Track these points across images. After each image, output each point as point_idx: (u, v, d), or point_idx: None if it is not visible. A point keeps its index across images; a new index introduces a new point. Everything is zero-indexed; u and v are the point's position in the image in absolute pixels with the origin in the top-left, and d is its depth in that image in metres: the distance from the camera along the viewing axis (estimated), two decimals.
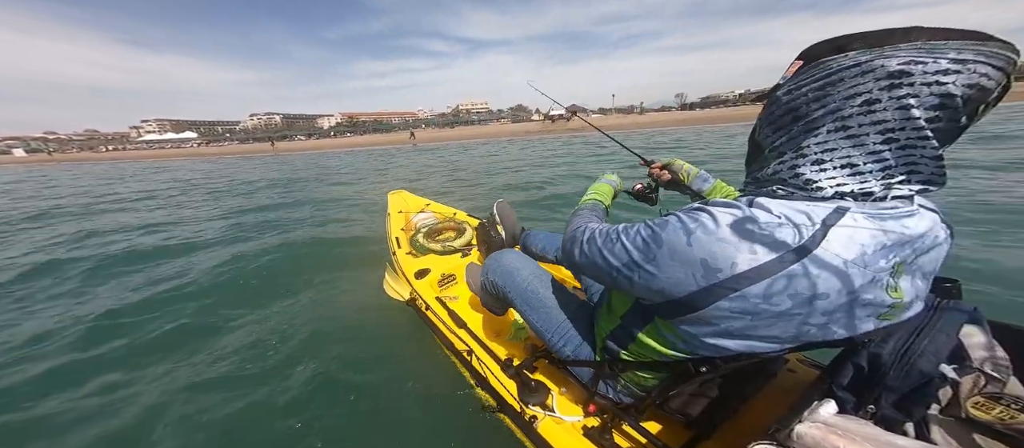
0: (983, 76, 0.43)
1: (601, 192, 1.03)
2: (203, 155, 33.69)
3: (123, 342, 2.37)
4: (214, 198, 7.79)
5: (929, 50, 0.44)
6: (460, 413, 1.52)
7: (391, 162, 14.01)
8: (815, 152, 0.53)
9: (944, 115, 0.45)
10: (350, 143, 36.71)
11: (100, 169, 22.50)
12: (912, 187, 0.51)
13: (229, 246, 4.17)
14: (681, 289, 0.57)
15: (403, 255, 2.15)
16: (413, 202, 2.97)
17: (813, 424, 0.56)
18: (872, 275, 0.51)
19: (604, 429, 0.96)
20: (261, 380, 1.90)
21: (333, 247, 3.85)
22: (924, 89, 0.44)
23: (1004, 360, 0.57)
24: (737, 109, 44.83)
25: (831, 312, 0.53)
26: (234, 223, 5.26)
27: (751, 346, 0.60)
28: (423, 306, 1.70)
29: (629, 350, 0.81)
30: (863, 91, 0.47)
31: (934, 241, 0.55)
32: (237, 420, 1.66)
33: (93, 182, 13.18)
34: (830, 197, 0.53)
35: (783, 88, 0.56)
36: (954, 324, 0.64)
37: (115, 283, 3.37)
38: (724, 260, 0.52)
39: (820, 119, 0.52)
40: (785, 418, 0.62)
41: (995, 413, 0.50)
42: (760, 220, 0.52)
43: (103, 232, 5.07)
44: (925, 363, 0.59)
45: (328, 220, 5.05)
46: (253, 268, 3.43)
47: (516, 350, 1.35)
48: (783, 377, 1.06)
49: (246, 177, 11.81)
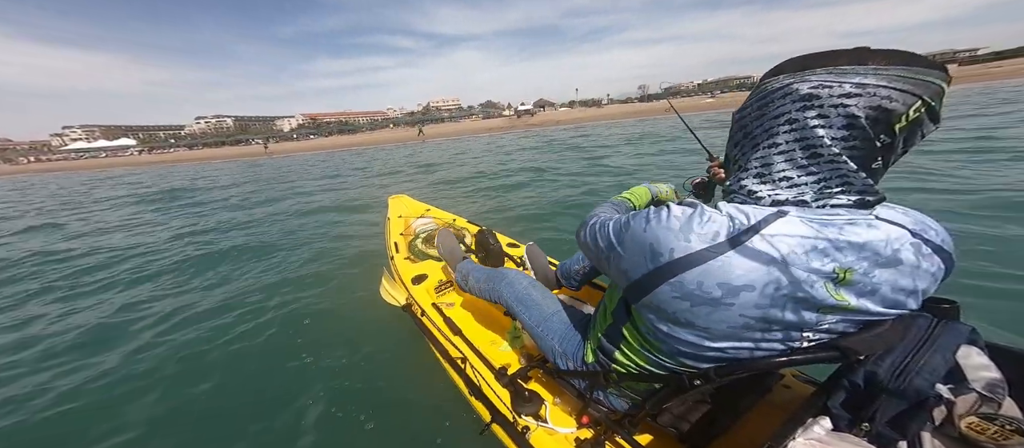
0: (885, 98, 0.46)
1: (635, 194, 1.07)
2: (188, 160, 30.68)
3: (121, 346, 2.35)
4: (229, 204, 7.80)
5: (838, 74, 0.49)
6: (452, 422, 1.50)
7: (414, 157, 14.34)
8: (756, 166, 0.59)
9: (855, 134, 0.49)
10: (358, 141, 36.20)
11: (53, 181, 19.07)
12: (851, 197, 0.54)
13: (227, 245, 4.17)
14: (637, 271, 0.63)
15: (401, 260, 2.15)
16: (413, 207, 2.97)
17: (808, 441, 0.55)
18: (805, 274, 0.53)
19: (596, 442, 0.95)
20: (251, 383, 1.89)
21: (332, 247, 3.85)
22: (832, 111, 0.49)
23: (1000, 381, 0.57)
24: (694, 99, 46.32)
25: (764, 305, 0.55)
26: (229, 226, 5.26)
27: (701, 339, 0.62)
28: (419, 312, 1.69)
29: (620, 350, 0.83)
30: (784, 111, 0.54)
31: (894, 255, 0.55)
32: (224, 425, 1.65)
33: (78, 191, 12.43)
34: (769, 205, 0.57)
35: (739, 108, 0.64)
36: (951, 344, 0.64)
37: (104, 293, 3.36)
38: (665, 245, 0.58)
39: (759, 137, 0.59)
40: (780, 434, 0.61)
41: (989, 433, 0.49)
42: (705, 216, 0.57)
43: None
44: (921, 382, 0.59)
45: (336, 224, 5.05)
46: (253, 267, 3.42)
47: (511, 359, 1.34)
48: (778, 392, 1.05)
49: (251, 181, 11.82)
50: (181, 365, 2.06)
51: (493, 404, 1.15)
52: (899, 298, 0.58)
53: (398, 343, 2.03)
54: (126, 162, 37.72)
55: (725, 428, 0.92)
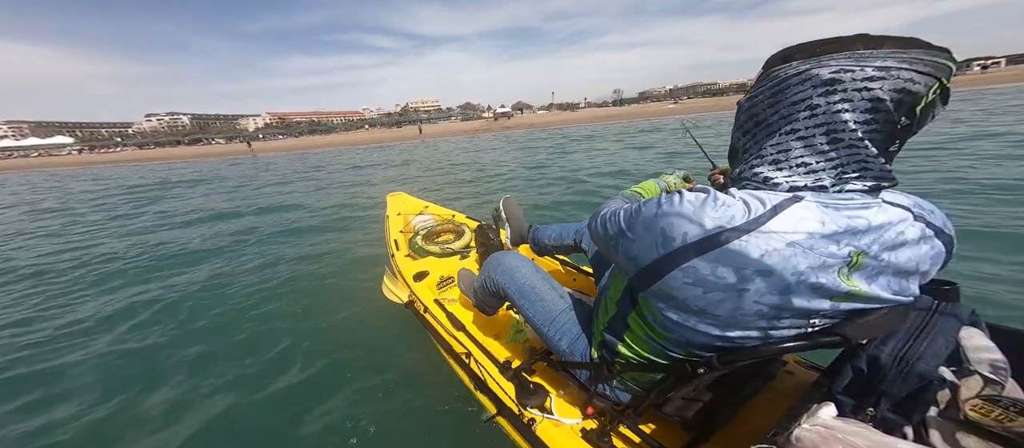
0: (908, 81, 0.47)
1: (644, 187, 1.10)
2: (172, 158, 29.32)
3: (121, 345, 2.35)
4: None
5: (857, 59, 0.49)
6: (458, 416, 1.51)
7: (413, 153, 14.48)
8: (771, 153, 0.59)
9: (878, 117, 0.50)
10: (362, 139, 35.82)
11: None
12: (866, 183, 0.54)
13: (225, 245, 4.16)
14: (647, 256, 0.62)
15: (402, 257, 2.14)
16: (412, 204, 2.96)
17: (813, 427, 0.56)
18: (822, 259, 0.53)
19: (602, 432, 0.96)
20: (255, 379, 1.89)
21: (333, 247, 3.84)
22: (856, 94, 0.49)
23: (1002, 363, 0.57)
24: (659, 105, 46.98)
25: (780, 292, 0.55)
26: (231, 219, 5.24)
27: (711, 327, 0.61)
28: (421, 309, 1.69)
29: (623, 341, 0.83)
30: (805, 97, 0.53)
31: (899, 237, 0.55)
32: (229, 422, 1.66)
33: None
34: (786, 190, 0.57)
35: (747, 97, 0.63)
36: (952, 327, 0.64)
37: (102, 288, 3.35)
38: (678, 230, 0.57)
39: (775, 124, 0.58)
40: (784, 421, 0.62)
41: (994, 416, 0.50)
42: (718, 200, 0.56)
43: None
44: (924, 366, 0.59)
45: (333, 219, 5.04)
46: (252, 265, 3.42)
47: (514, 352, 1.34)
48: (782, 379, 1.06)
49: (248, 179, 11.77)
50: (181, 365, 2.06)
51: (498, 397, 1.16)
52: (904, 282, 0.58)
53: (400, 340, 2.04)
54: (72, 161, 34.22)
55: (729, 416, 0.93)
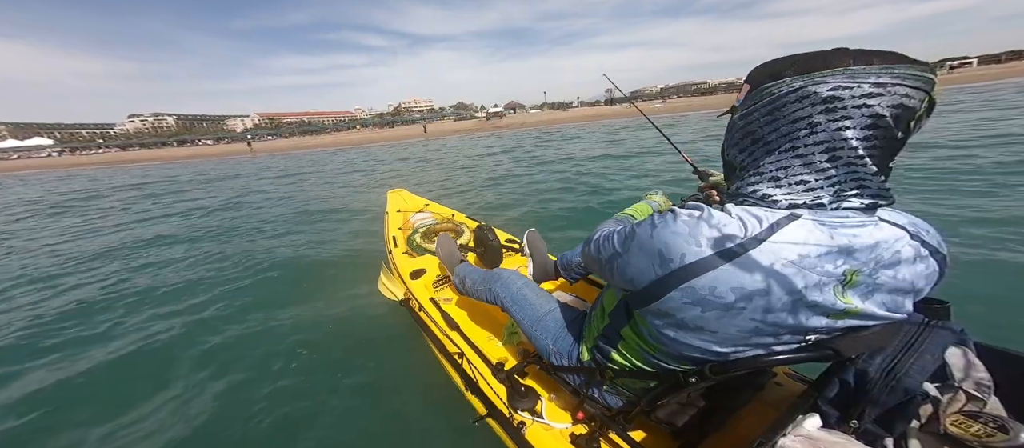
0: (904, 96, 0.47)
1: (636, 210, 1.10)
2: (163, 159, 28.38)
3: (117, 344, 2.35)
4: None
5: (851, 75, 0.48)
6: (448, 417, 1.51)
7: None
8: (770, 170, 0.58)
9: (878, 133, 0.50)
10: (366, 139, 35.80)
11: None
12: (864, 201, 0.54)
13: (222, 245, 4.16)
14: (644, 278, 0.62)
15: (399, 255, 2.15)
16: (412, 201, 2.97)
17: (796, 438, 0.56)
18: (818, 278, 0.53)
19: (591, 437, 0.96)
20: (248, 377, 1.89)
21: (331, 246, 3.84)
22: (856, 111, 0.49)
23: (986, 380, 0.58)
24: (646, 104, 47.31)
25: (777, 310, 0.55)
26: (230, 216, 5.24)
27: (709, 343, 0.62)
28: (417, 307, 1.70)
29: (617, 350, 0.83)
30: (805, 115, 0.52)
31: (895, 256, 0.56)
32: (221, 419, 1.65)
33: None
34: (785, 208, 0.56)
35: (738, 112, 0.62)
36: (940, 344, 0.65)
37: (100, 277, 3.35)
38: (675, 251, 0.57)
39: (774, 141, 0.56)
40: (769, 431, 0.62)
41: (973, 431, 0.50)
42: (714, 219, 0.56)
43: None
44: (910, 381, 0.60)
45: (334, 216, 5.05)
46: (252, 263, 3.42)
47: (508, 355, 1.34)
48: (770, 390, 1.06)
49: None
50: (179, 366, 2.07)
51: (489, 399, 1.16)
52: (899, 299, 0.58)
53: (394, 337, 2.04)
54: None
55: (719, 425, 0.94)
